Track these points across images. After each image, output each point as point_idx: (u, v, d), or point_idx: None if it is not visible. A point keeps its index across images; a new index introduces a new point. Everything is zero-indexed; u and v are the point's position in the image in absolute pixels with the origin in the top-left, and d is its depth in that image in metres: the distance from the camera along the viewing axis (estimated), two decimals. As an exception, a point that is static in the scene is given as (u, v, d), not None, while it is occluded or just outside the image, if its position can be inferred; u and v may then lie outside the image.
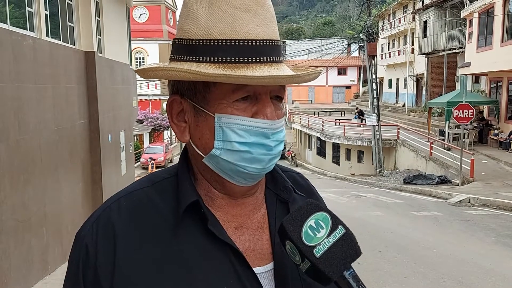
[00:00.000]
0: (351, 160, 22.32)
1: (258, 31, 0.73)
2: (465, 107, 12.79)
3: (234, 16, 0.72)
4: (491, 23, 17.09)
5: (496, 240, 7.24)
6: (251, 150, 0.74)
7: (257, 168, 0.75)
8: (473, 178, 12.76)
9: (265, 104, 0.75)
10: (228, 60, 0.71)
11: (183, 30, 0.76)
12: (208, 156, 0.76)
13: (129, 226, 0.76)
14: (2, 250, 5.07)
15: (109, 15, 10.24)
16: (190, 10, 0.75)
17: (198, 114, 0.76)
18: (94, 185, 8.64)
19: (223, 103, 0.73)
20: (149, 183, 0.81)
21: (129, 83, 12.48)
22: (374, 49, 19.93)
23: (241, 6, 0.72)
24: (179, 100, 0.78)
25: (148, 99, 36.05)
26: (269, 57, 0.73)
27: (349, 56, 40.92)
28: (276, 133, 0.76)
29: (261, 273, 0.77)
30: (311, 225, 0.70)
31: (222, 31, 0.72)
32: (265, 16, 0.74)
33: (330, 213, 0.71)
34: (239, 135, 0.73)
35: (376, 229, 7.95)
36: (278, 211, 0.84)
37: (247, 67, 0.71)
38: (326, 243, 0.68)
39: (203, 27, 0.73)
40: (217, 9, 0.72)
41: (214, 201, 0.80)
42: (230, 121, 0.73)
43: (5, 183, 5.23)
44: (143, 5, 37.04)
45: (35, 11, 6.55)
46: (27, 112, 5.90)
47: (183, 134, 0.79)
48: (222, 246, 0.75)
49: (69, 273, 0.79)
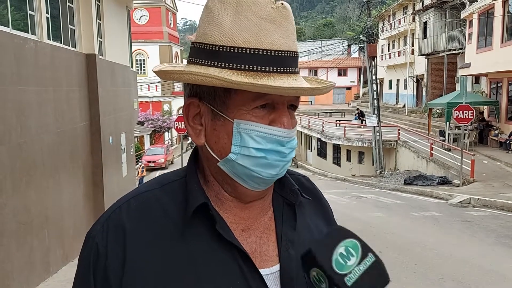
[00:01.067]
0: (352, 161, 22.32)
1: (281, 42, 0.75)
2: (465, 108, 12.80)
3: (260, 26, 0.74)
4: (491, 24, 17.11)
5: (496, 240, 7.25)
6: (267, 156, 0.76)
7: (271, 173, 0.78)
8: (473, 179, 12.76)
9: (282, 113, 0.77)
10: (250, 68, 0.73)
11: (205, 34, 0.77)
12: (224, 160, 0.78)
13: (138, 227, 0.78)
14: (4, 252, 5.09)
15: (109, 17, 10.27)
16: (215, 16, 0.76)
17: (216, 118, 0.78)
18: (95, 187, 8.66)
19: (242, 109, 0.75)
20: (158, 185, 0.83)
21: (129, 85, 12.51)
22: (374, 50, 19.95)
23: (267, 17, 0.74)
24: (197, 103, 0.80)
25: (149, 101, 36.10)
26: (289, 68, 0.76)
27: (349, 57, 40.94)
28: (290, 141, 0.78)
29: (267, 274, 0.79)
30: (341, 252, 0.69)
31: (247, 39, 0.74)
32: (287, 29, 0.76)
33: (359, 240, 0.71)
34: (257, 141, 0.75)
35: (376, 230, 7.96)
36: (285, 214, 0.86)
37: (268, 76, 0.74)
38: (357, 271, 0.68)
39: (227, 34, 0.74)
40: (243, 18, 0.74)
41: (223, 203, 0.82)
42: (248, 127, 0.75)
43: (7, 186, 5.25)
44: (144, 7, 37.09)
45: (36, 14, 6.58)
46: (28, 114, 5.92)
47: (199, 137, 0.80)
48: (229, 248, 0.77)
49: (80, 273, 0.81)
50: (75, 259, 7.23)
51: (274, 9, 0.75)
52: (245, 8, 0.74)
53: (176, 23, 44.76)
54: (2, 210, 5.11)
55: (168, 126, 32.72)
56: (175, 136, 35.98)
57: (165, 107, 37.84)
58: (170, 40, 39.23)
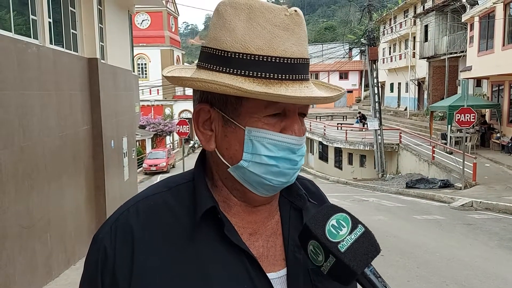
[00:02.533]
0: (353, 165, 22.30)
1: (293, 49, 0.74)
2: (467, 111, 12.80)
3: (273, 34, 0.73)
4: (492, 27, 17.12)
5: (499, 243, 7.23)
6: (279, 164, 0.76)
7: (281, 181, 0.78)
8: (475, 182, 12.74)
9: (293, 120, 0.78)
10: (263, 76, 0.73)
11: (216, 40, 0.76)
12: (235, 166, 0.78)
13: (147, 229, 0.78)
14: (7, 255, 5.10)
15: (111, 22, 10.31)
16: (227, 22, 0.75)
17: (227, 125, 0.77)
18: (97, 191, 8.66)
19: (254, 117, 0.75)
20: (165, 188, 0.83)
21: (131, 89, 12.54)
22: (376, 54, 19.97)
23: (281, 24, 0.74)
24: (207, 109, 0.79)
25: (150, 104, 36.16)
26: (300, 75, 0.76)
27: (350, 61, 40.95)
28: (301, 148, 0.79)
29: (274, 278, 0.79)
30: (333, 224, 0.74)
31: (260, 47, 0.73)
32: (300, 36, 0.76)
33: (349, 214, 0.75)
34: (269, 149, 0.75)
35: (378, 234, 7.89)
36: (292, 218, 0.86)
37: (281, 84, 0.73)
38: (349, 239, 0.72)
39: (240, 41, 0.74)
40: (256, 24, 0.73)
41: (231, 208, 0.82)
42: (260, 135, 0.75)
43: (10, 189, 5.27)
44: (145, 12, 37.20)
45: (38, 19, 6.61)
46: (31, 118, 5.94)
47: (209, 143, 0.80)
48: (237, 252, 0.77)
49: (86, 275, 0.81)
50: (77, 263, 7.22)
51: (287, 16, 0.74)
52: (258, 15, 0.74)
53: (178, 27, 44.88)
54: (5, 214, 5.12)
55: (170, 130, 32.73)
56: (177, 140, 36.01)
57: (167, 111, 37.89)
58: (172, 44, 39.33)
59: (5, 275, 5.04)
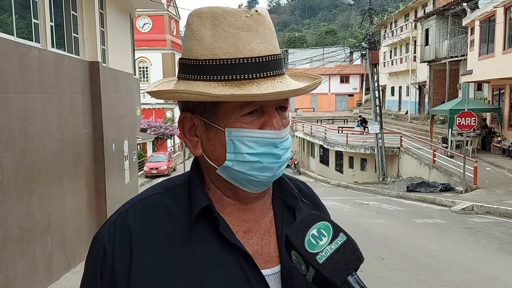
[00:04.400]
0: (354, 168, 22.28)
1: (260, 48, 0.77)
2: (467, 115, 12.81)
3: (237, 36, 0.76)
4: (492, 31, 17.14)
5: (499, 247, 7.22)
6: (261, 160, 0.79)
7: (267, 176, 0.80)
8: (476, 186, 12.73)
9: (271, 115, 0.79)
10: (234, 78, 0.76)
11: (188, 50, 0.80)
12: (221, 167, 0.81)
13: (145, 230, 0.80)
14: (7, 258, 5.11)
15: (113, 25, 10.35)
16: (195, 32, 0.79)
17: (209, 129, 0.81)
18: (98, 194, 8.67)
19: (232, 118, 0.78)
20: (162, 189, 0.86)
21: (132, 93, 12.57)
22: (376, 57, 19.99)
23: (243, 26, 0.77)
24: (190, 117, 0.83)
25: (151, 108, 36.18)
26: (272, 72, 0.78)
27: (351, 64, 41.01)
28: (283, 141, 0.80)
29: (269, 275, 0.82)
30: (314, 234, 0.73)
31: (227, 51, 0.76)
32: (265, 33, 0.78)
33: (332, 222, 0.75)
34: (249, 146, 0.78)
35: (379, 237, 7.94)
36: (285, 216, 0.88)
37: (252, 83, 0.76)
38: (328, 250, 0.72)
39: (208, 48, 0.77)
40: (220, 30, 0.77)
41: (225, 208, 0.84)
42: (240, 134, 0.78)
43: (11, 192, 5.28)
44: (147, 15, 37.26)
45: (40, 23, 6.64)
46: (32, 122, 5.96)
47: (196, 148, 0.83)
48: (232, 249, 0.79)
49: (87, 275, 0.83)
50: (77, 266, 7.23)
51: (248, 18, 0.78)
52: (221, 21, 0.77)
53: (179, 31, 44.94)
54: (6, 217, 5.13)
55: (171, 133, 32.73)
56: (178, 143, 36.03)
57: (168, 114, 37.90)
58: (173, 48, 39.38)
59: (6, 278, 5.04)
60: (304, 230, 0.74)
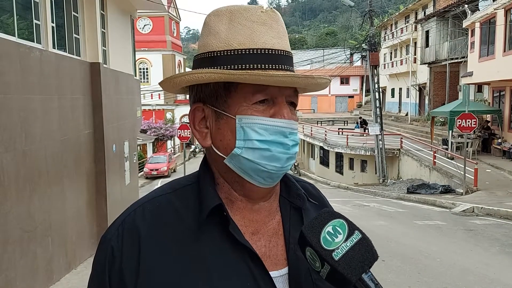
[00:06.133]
0: (354, 170, 22.28)
1: (273, 42, 0.81)
2: (468, 117, 12.81)
3: (252, 29, 0.80)
4: (493, 32, 17.16)
5: (500, 249, 7.22)
6: (271, 148, 0.79)
7: (275, 166, 0.80)
8: (477, 188, 12.73)
9: (281, 106, 0.81)
10: (246, 67, 0.79)
11: (204, 45, 0.83)
12: (230, 156, 0.81)
13: (153, 230, 0.80)
14: (8, 259, 5.10)
15: (114, 26, 10.36)
16: (212, 28, 0.83)
17: (219, 118, 0.82)
18: (98, 195, 8.67)
19: (243, 105, 0.80)
20: (171, 189, 0.86)
21: (133, 94, 12.57)
22: (377, 59, 20.00)
23: (258, 20, 0.81)
24: (201, 108, 0.84)
25: (152, 109, 36.21)
26: (283, 66, 0.81)
27: (351, 66, 41.04)
28: (293, 133, 0.82)
29: (276, 277, 0.82)
30: (329, 231, 0.74)
31: (242, 42, 0.80)
32: (279, 30, 0.82)
33: (347, 220, 0.75)
34: (259, 133, 0.79)
35: (379, 239, 7.93)
36: (292, 218, 0.88)
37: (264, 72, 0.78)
38: (344, 247, 0.72)
39: (223, 40, 0.81)
40: (236, 23, 0.81)
41: (233, 204, 0.84)
42: (250, 121, 0.79)
43: (11, 193, 5.28)
44: (147, 16, 37.31)
45: (42, 23, 6.64)
46: (33, 122, 5.96)
47: (205, 139, 0.84)
48: (241, 250, 0.79)
49: (94, 275, 0.83)
50: (78, 267, 7.22)
51: (264, 13, 0.82)
52: (238, 16, 0.81)
53: (179, 32, 44.98)
54: (6, 218, 5.13)
55: (171, 134, 32.74)
56: (178, 144, 36.02)
57: (168, 115, 37.92)
58: (173, 49, 39.42)
59: (6, 279, 5.04)
60: (319, 227, 0.74)
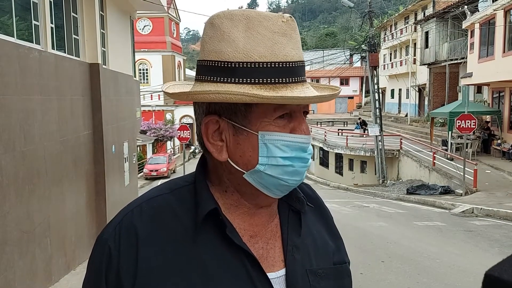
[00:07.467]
0: (354, 170, 22.29)
1: (293, 53, 0.78)
2: (467, 117, 12.82)
3: (273, 40, 0.76)
4: (492, 33, 17.18)
5: (500, 250, 7.21)
6: (294, 164, 0.79)
7: (296, 180, 0.81)
8: (476, 188, 12.73)
9: (300, 120, 0.81)
10: (268, 81, 0.76)
11: (217, 52, 0.77)
12: (251, 172, 0.79)
13: (150, 230, 0.79)
14: (7, 260, 5.09)
15: (113, 27, 10.35)
16: (225, 34, 0.77)
17: (238, 132, 0.79)
18: (98, 196, 8.66)
19: (265, 121, 0.78)
20: (168, 190, 0.85)
21: (132, 94, 12.56)
22: (376, 60, 20.02)
23: (279, 30, 0.77)
24: (216, 120, 0.80)
25: (151, 110, 36.19)
26: (301, 77, 0.79)
27: (351, 67, 41.05)
28: (309, 146, 0.82)
29: (274, 278, 0.81)
30: None
31: (262, 54, 0.76)
32: (297, 40, 0.80)
33: None
34: (283, 150, 0.78)
35: (379, 240, 7.92)
36: (291, 220, 0.88)
37: (286, 87, 0.76)
38: None
39: (242, 50, 0.76)
40: (255, 33, 0.76)
41: (237, 209, 0.84)
42: (274, 137, 0.78)
43: (10, 194, 5.27)
44: (147, 17, 37.32)
45: (41, 24, 6.64)
46: (32, 123, 5.95)
47: (221, 153, 0.81)
48: (238, 252, 0.79)
49: (90, 276, 0.82)
50: (77, 268, 7.21)
51: (285, 23, 0.78)
52: (257, 24, 0.76)
53: (179, 33, 44.99)
54: (5, 218, 5.12)
55: (171, 135, 32.73)
56: (178, 145, 36.02)
57: (168, 116, 37.92)
58: (173, 50, 39.43)
59: (5, 280, 5.03)
60: None
